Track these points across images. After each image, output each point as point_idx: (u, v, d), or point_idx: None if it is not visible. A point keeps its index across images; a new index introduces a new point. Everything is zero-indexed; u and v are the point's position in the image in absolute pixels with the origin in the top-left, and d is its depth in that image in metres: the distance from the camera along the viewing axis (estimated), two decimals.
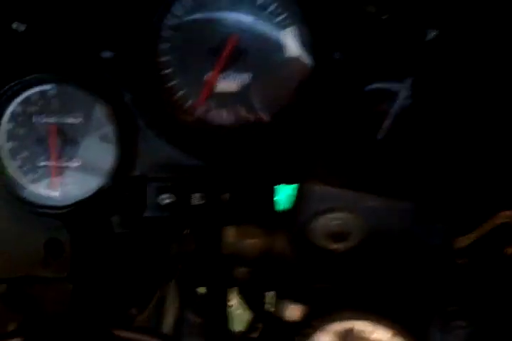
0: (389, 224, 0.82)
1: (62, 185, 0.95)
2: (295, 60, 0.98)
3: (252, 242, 0.87)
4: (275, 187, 1.04)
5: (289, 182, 0.99)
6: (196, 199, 0.97)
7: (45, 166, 0.95)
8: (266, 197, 1.03)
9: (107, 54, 0.93)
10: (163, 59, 0.96)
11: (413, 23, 0.98)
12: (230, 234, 0.89)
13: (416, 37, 0.97)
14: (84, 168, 0.96)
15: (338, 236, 0.82)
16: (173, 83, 0.97)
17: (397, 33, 0.97)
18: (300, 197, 0.87)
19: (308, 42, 0.97)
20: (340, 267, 0.83)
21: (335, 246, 0.82)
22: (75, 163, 0.96)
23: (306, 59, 0.98)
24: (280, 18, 0.97)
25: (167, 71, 0.96)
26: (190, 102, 0.97)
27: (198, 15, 0.95)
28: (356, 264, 0.83)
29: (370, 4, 0.98)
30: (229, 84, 0.97)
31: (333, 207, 0.82)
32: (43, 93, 0.94)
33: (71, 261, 0.93)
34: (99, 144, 0.96)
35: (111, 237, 0.97)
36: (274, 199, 1.04)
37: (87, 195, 0.95)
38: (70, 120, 0.93)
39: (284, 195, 1.03)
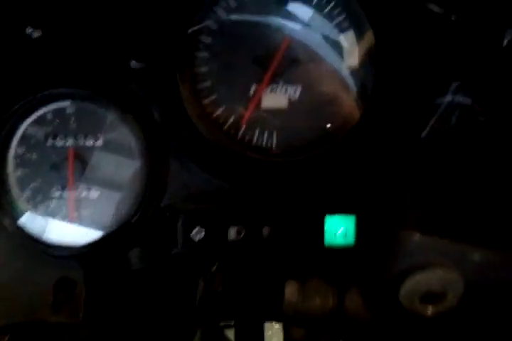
0: (496, 281, 0.65)
1: (79, 219, 0.84)
2: (355, 70, 0.83)
3: (319, 302, 0.72)
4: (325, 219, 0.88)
5: (340, 211, 0.85)
6: (233, 234, 0.83)
7: (60, 197, 0.83)
8: (314, 232, 0.87)
9: (135, 64, 0.79)
10: (201, 70, 0.83)
11: (488, 25, 0.83)
12: (293, 291, 0.74)
13: (491, 41, 0.84)
14: (106, 199, 0.83)
15: (433, 297, 0.65)
16: (212, 98, 0.83)
17: (469, 36, 0.84)
18: (390, 249, 0.71)
19: (371, 49, 0.82)
20: (432, 334, 0.67)
21: (430, 309, 0.65)
22: (95, 193, 0.83)
23: (368, 69, 0.82)
24: (338, 19, 0.82)
25: (205, 84, 0.83)
26: (231, 121, 0.82)
27: (241, 18, 0.81)
28: (452, 330, 0.67)
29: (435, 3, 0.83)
30: (277, 99, 0.82)
31: (432, 261, 0.66)
32: (58, 111, 0.82)
33: (85, 303, 0.83)
34: (124, 170, 0.83)
35: (131, 275, 0.87)
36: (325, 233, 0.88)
37: (109, 231, 0.81)
38: (90, 142, 0.83)
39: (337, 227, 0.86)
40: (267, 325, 0.98)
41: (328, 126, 0.84)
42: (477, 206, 0.79)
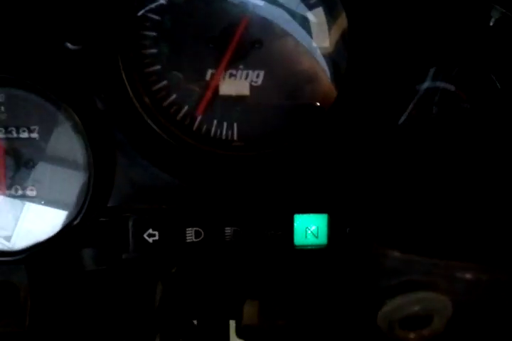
0: (483, 301, 0.58)
1: (16, 220, 0.75)
2: (325, 51, 0.74)
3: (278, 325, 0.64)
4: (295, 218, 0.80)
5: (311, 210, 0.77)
6: (191, 235, 0.76)
7: None
8: (283, 232, 0.79)
9: (71, 46, 0.68)
10: (149, 52, 0.73)
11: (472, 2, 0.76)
12: (251, 314, 0.66)
13: (476, 20, 0.76)
14: (44, 199, 0.74)
15: (416, 320, 0.58)
16: (162, 84, 0.73)
17: (452, 14, 0.76)
18: (365, 268, 0.63)
19: (343, 29, 0.73)
20: None
21: (413, 335, 0.57)
22: (31, 193, 0.74)
23: (340, 51, 0.73)
24: None
25: (154, 68, 0.73)
26: (185, 110, 0.73)
27: None
28: None
29: None
30: (237, 85, 0.73)
31: (414, 281, 0.58)
32: None
33: (30, 310, 0.74)
34: (64, 166, 0.74)
35: (83, 278, 0.80)
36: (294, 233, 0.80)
37: (49, 235, 0.73)
38: (24, 135, 0.73)
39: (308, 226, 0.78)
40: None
41: (296, 114, 0.75)
42: (461, 217, 0.72)
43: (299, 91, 0.75)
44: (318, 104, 0.75)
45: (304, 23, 0.73)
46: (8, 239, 0.74)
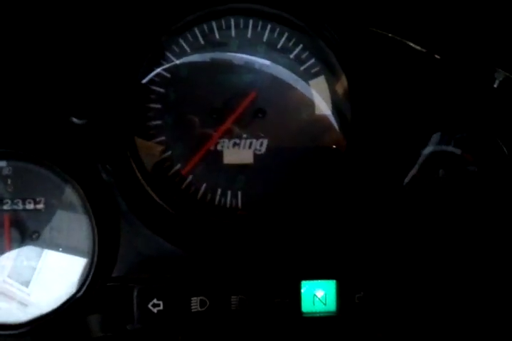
0: None
1: (20, 292, 0.73)
2: (327, 117, 0.74)
3: None
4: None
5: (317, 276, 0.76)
6: (196, 304, 0.75)
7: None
8: (288, 301, 0.77)
9: (77, 120, 0.69)
10: (154, 123, 0.74)
11: (476, 66, 0.76)
12: None
13: (480, 84, 0.77)
14: (49, 271, 0.73)
15: None
16: (166, 155, 0.73)
17: (455, 77, 0.77)
18: None
19: (345, 94, 0.74)
20: None
21: None
22: (36, 264, 0.73)
23: (341, 118, 0.74)
24: (307, 64, 0.73)
25: (158, 139, 0.73)
26: (189, 179, 0.74)
27: (197, 64, 0.72)
28: None
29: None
30: (240, 154, 0.73)
31: None
32: None
33: None
34: (69, 237, 0.73)
35: None
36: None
37: (53, 307, 0.72)
38: (30, 207, 0.73)
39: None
40: None
41: (299, 181, 0.75)
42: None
43: (302, 158, 0.75)
44: (322, 170, 0.75)
45: (307, 91, 0.74)
46: (11, 311, 0.73)
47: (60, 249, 0.73)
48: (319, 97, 0.74)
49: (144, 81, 0.72)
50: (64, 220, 0.73)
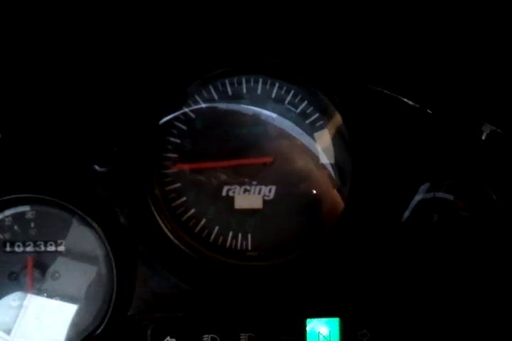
0: None
1: (40, 330, 0.77)
2: (330, 167, 0.80)
3: None
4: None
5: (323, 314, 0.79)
6: None
7: (20, 306, 0.76)
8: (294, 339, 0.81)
9: (99, 168, 0.74)
10: (170, 171, 0.79)
11: (465, 120, 0.82)
12: None
13: (468, 136, 0.82)
14: (68, 308, 0.77)
15: None
16: (181, 201, 0.79)
17: (446, 130, 0.82)
18: None
19: (345, 147, 0.80)
20: None
21: None
22: (56, 303, 0.77)
23: (344, 166, 0.80)
24: (312, 118, 0.80)
25: (174, 186, 0.79)
26: (202, 223, 0.78)
27: (212, 114, 0.78)
28: None
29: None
30: (250, 199, 0.78)
31: None
32: (17, 216, 0.77)
33: None
34: (88, 277, 0.78)
35: None
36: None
37: None
38: (52, 248, 0.78)
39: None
40: None
41: (307, 224, 0.80)
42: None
43: (309, 204, 0.80)
44: (327, 214, 0.80)
45: (311, 143, 0.80)
46: None
47: (79, 289, 0.77)
48: (323, 148, 0.80)
49: (162, 133, 0.78)
50: (83, 261, 0.77)
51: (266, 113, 0.80)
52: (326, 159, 0.80)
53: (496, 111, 0.83)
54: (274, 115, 0.80)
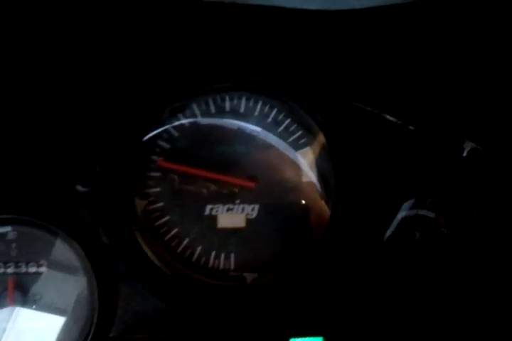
0: None
1: None
2: (313, 185, 0.80)
3: None
4: None
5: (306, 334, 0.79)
6: None
7: (1, 329, 0.75)
8: None
9: (82, 188, 0.74)
10: (153, 190, 0.78)
11: (447, 136, 0.83)
12: None
13: (450, 152, 0.83)
14: (49, 329, 0.76)
15: None
16: (164, 220, 0.78)
17: (428, 146, 0.83)
18: None
19: (329, 165, 0.80)
20: None
21: None
22: (37, 324, 0.76)
23: (327, 185, 0.80)
24: (295, 136, 0.80)
25: (157, 205, 0.78)
26: (184, 243, 0.78)
27: (195, 132, 0.79)
28: None
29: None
30: (234, 218, 0.78)
31: None
32: None
33: None
34: (70, 298, 0.76)
35: None
36: None
37: None
38: (33, 269, 0.76)
39: None
40: None
41: (290, 243, 0.80)
42: None
43: (292, 222, 0.80)
44: (310, 233, 0.81)
45: (295, 161, 0.80)
46: None
47: (60, 311, 0.76)
48: (306, 166, 0.80)
49: (145, 152, 0.78)
50: (65, 282, 0.76)
51: (249, 130, 0.80)
52: (309, 177, 0.81)
53: (476, 128, 0.84)
54: (257, 133, 0.80)
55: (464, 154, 0.84)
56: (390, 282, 0.81)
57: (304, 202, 0.80)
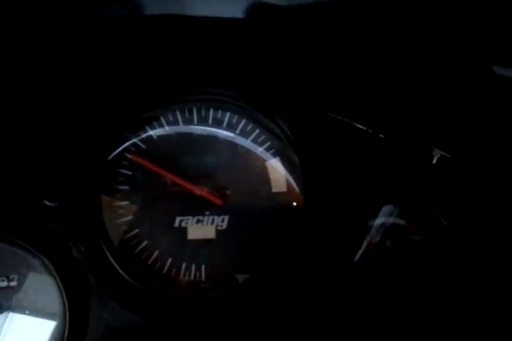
0: None
1: None
2: (283, 195, 0.80)
3: None
4: None
5: None
6: None
7: None
8: None
9: (50, 203, 0.74)
10: (122, 204, 0.79)
11: (416, 145, 0.83)
12: None
13: (419, 160, 0.84)
14: None
15: None
16: (133, 233, 0.78)
17: (398, 154, 0.84)
18: None
19: (298, 175, 0.80)
20: None
21: None
22: (8, 339, 0.76)
23: (296, 195, 0.80)
24: (264, 147, 0.80)
25: (125, 219, 0.78)
26: (155, 255, 0.78)
27: (162, 145, 0.79)
28: None
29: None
30: (203, 230, 0.79)
31: None
32: None
33: None
34: (41, 313, 0.77)
35: None
36: None
37: None
38: (3, 284, 0.77)
39: None
40: None
41: (259, 254, 0.80)
42: None
43: (260, 233, 0.80)
44: (281, 243, 0.81)
45: (263, 171, 0.81)
46: None
47: (30, 325, 0.76)
48: (275, 176, 0.81)
49: (113, 165, 0.78)
50: (35, 296, 0.76)
51: (218, 142, 0.80)
52: (278, 187, 0.81)
53: (445, 137, 0.85)
54: (226, 144, 0.80)
55: (434, 162, 0.85)
56: (362, 287, 0.82)
57: (273, 212, 0.81)
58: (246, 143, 0.80)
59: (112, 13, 0.66)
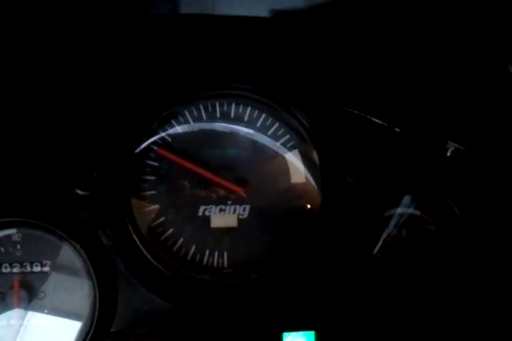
0: None
1: None
2: (302, 186, 0.84)
3: None
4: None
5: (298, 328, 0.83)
6: None
7: (6, 326, 0.79)
8: None
9: (82, 192, 0.79)
10: (149, 193, 0.83)
11: (431, 138, 0.86)
12: None
13: (434, 153, 0.87)
14: (54, 325, 0.80)
15: None
16: (159, 221, 0.82)
17: (413, 147, 0.87)
18: None
19: (316, 166, 0.84)
20: None
21: None
22: (42, 321, 0.80)
23: (314, 186, 0.84)
24: (283, 140, 0.84)
25: (153, 207, 0.83)
26: (180, 242, 0.82)
27: (187, 137, 0.83)
28: None
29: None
30: (226, 218, 0.82)
31: None
32: (4, 239, 0.80)
33: None
34: (73, 296, 0.81)
35: None
36: None
37: None
38: (37, 269, 0.81)
39: None
40: None
41: (280, 241, 0.84)
42: None
43: (280, 221, 0.84)
44: (300, 231, 0.84)
45: (283, 163, 0.84)
46: None
47: (63, 308, 0.80)
48: (294, 168, 0.84)
49: (140, 156, 0.82)
50: (67, 281, 0.80)
51: (239, 135, 0.84)
52: (297, 178, 0.84)
53: (459, 130, 0.87)
54: (247, 137, 0.84)
55: (448, 154, 0.87)
56: (379, 278, 0.85)
57: (293, 202, 0.84)
58: (266, 136, 0.84)
59: (155, 13, 0.70)
